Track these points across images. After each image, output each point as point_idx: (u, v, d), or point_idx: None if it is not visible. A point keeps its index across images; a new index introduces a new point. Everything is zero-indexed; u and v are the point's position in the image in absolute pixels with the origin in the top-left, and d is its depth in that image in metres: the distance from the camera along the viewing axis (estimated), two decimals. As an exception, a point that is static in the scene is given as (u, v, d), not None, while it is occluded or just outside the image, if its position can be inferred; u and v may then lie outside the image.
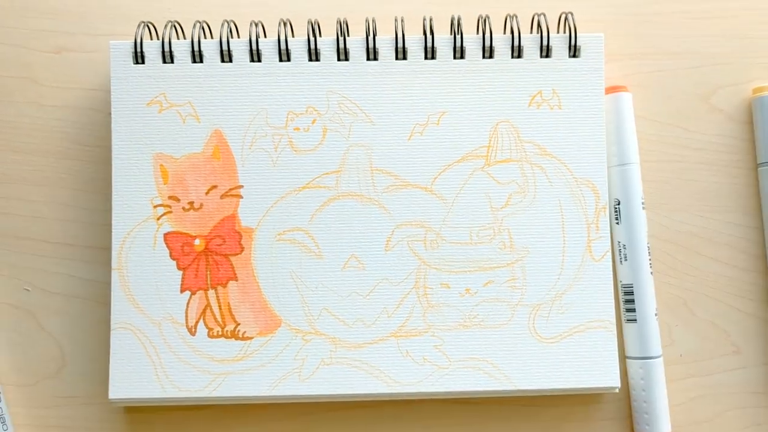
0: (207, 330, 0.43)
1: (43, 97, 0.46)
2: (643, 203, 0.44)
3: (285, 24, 0.44)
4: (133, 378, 0.42)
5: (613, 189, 0.44)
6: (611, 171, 0.44)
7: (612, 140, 0.44)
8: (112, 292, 0.43)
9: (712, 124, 0.46)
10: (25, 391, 0.45)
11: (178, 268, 0.43)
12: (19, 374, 0.45)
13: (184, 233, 0.43)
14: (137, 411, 0.45)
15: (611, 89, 0.45)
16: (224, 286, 0.43)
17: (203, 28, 0.44)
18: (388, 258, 0.43)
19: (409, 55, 0.44)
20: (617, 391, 0.43)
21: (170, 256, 0.43)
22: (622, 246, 0.44)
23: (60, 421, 0.45)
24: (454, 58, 0.44)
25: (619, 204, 0.44)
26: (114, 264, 0.43)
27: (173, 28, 0.44)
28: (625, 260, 0.44)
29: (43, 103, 0.46)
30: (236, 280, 0.43)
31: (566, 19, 0.44)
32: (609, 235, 0.43)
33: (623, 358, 0.44)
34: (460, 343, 0.43)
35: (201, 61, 0.44)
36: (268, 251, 0.43)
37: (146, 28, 0.44)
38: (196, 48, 0.44)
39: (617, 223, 0.44)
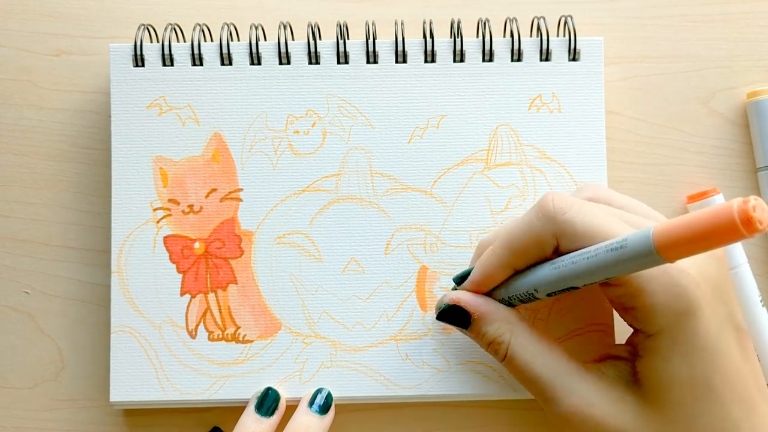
0: (207, 333, 0.43)
1: (42, 100, 0.46)
2: (762, 302, 0.43)
3: (285, 27, 0.44)
4: (134, 380, 0.42)
5: None
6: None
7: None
8: (111, 295, 0.43)
9: (711, 128, 0.46)
10: (24, 394, 0.45)
11: (178, 271, 0.43)
12: (19, 377, 0.45)
13: (184, 236, 0.43)
14: (137, 414, 0.44)
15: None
16: (224, 289, 0.43)
17: (203, 31, 0.44)
18: (388, 261, 0.43)
19: (409, 58, 0.44)
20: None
21: (170, 259, 0.43)
22: None
23: (59, 424, 0.45)
24: (454, 61, 0.44)
25: None
26: (113, 267, 0.43)
27: (173, 30, 0.44)
28: (758, 362, 0.42)
29: (42, 106, 0.46)
30: (236, 284, 0.43)
31: (566, 22, 0.44)
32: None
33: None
34: (459, 346, 0.43)
35: (201, 64, 0.44)
36: (267, 254, 0.43)
37: (146, 30, 0.44)
38: (195, 51, 0.44)
39: None
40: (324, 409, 0.42)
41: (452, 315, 0.38)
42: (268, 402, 0.42)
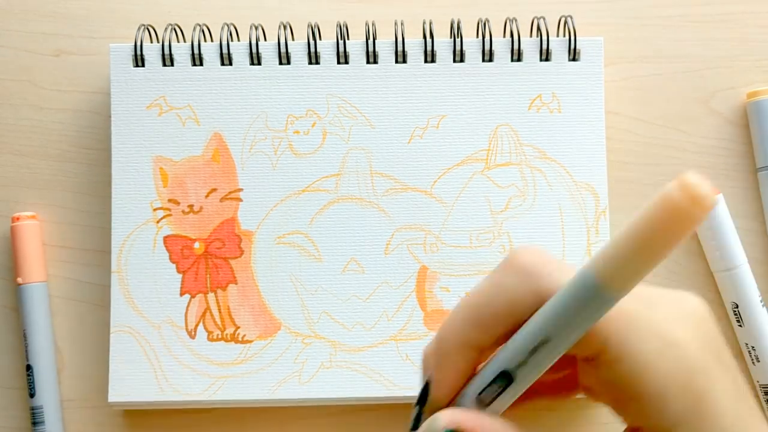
0: (207, 333, 0.43)
1: (42, 100, 0.46)
2: (762, 302, 0.44)
3: (285, 27, 0.44)
4: (133, 381, 0.42)
5: (727, 293, 0.44)
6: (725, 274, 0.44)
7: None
8: (111, 295, 0.43)
9: (711, 128, 0.46)
10: (23, 395, 0.45)
11: (178, 271, 0.43)
12: (18, 377, 0.45)
13: (184, 236, 0.43)
14: (136, 414, 0.44)
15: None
16: (224, 289, 0.43)
17: (203, 31, 0.44)
18: (387, 261, 0.43)
19: (408, 58, 0.44)
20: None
21: (170, 259, 0.43)
22: (750, 348, 0.43)
23: (59, 424, 0.45)
24: (454, 61, 0.44)
25: (737, 307, 0.43)
26: (113, 267, 0.43)
27: (173, 31, 0.44)
28: (758, 361, 0.43)
29: (42, 106, 0.46)
30: (236, 284, 0.43)
31: (566, 22, 0.44)
32: (609, 239, 0.43)
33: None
34: (459, 346, 0.42)
35: (201, 64, 0.44)
36: (267, 254, 0.43)
37: (146, 31, 0.44)
38: (196, 51, 0.44)
39: (740, 326, 0.44)
40: None
41: None
42: None
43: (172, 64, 0.44)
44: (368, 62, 0.44)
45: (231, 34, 0.44)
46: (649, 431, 0.27)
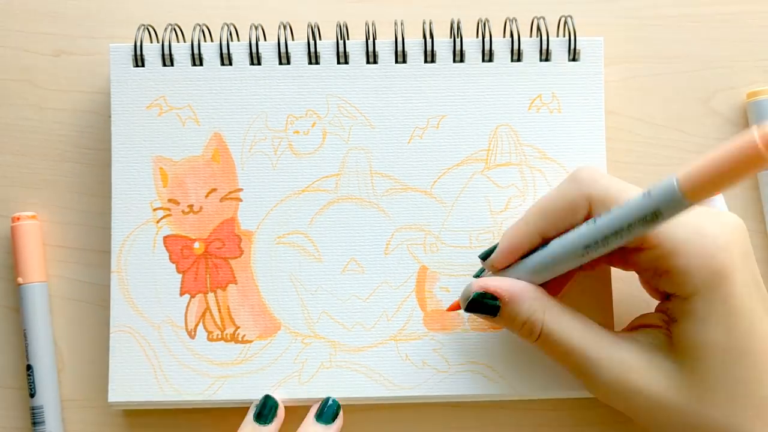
0: (206, 333, 0.43)
1: (42, 100, 0.46)
2: None
3: (285, 27, 0.44)
4: (133, 381, 0.42)
5: None
6: None
7: None
8: (111, 295, 0.43)
9: (711, 128, 0.46)
10: (23, 395, 0.45)
11: (178, 271, 0.43)
12: (18, 377, 0.45)
13: (184, 236, 0.43)
14: (136, 414, 0.44)
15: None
16: (224, 289, 0.43)
17: (203, 31, 0.44)
18: (387, 261, 0.43)
19: (408, 58, 0.44)
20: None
21: (170, 259, 0.43)
22: None
23: (59, 424, 0.45)
24: (454, 61, 0.44)
25: None
26: (113, 267, 0.43)
27: (173, 31, 0.44)
28: None
29: (42, 106, 0.46)
30: (236, 284, 0.43)
31: (566, 22, 0.44)
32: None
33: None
34: (459, 347, 0.43)
35: (201, 64, 0.44)
36: (267, 254, 0.43)
37: (146, 31, 0.44)
38: (195, 51, 0.44)
39: None
40: (332, 418, 0.42)
41: (481, 304, 0.38)
42: (266, 411, 0.41)
43: (172, 64, 0.44)
44: (368, 62, 0.44)
45: (231, 34, 0.44)
46: (676, 299, 0.36)
